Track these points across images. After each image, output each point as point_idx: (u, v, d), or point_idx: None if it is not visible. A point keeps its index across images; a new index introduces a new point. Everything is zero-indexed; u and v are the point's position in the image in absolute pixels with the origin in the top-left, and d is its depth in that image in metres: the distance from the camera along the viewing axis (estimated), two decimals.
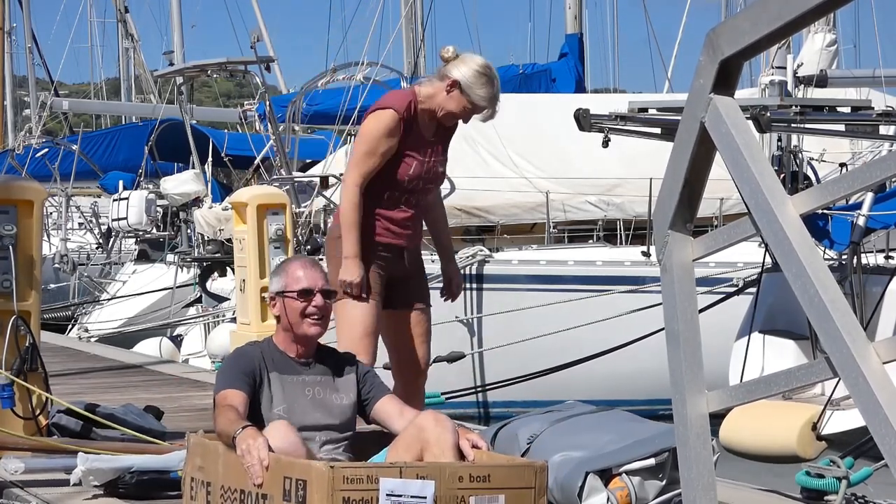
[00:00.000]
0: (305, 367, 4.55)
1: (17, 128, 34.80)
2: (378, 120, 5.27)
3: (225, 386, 4.45)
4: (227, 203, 14.04)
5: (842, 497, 5.67)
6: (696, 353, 2.35)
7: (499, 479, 4.05)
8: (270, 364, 4.52)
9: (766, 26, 2.11)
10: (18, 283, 6.17)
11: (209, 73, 16.89)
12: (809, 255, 2.06)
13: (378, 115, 5.29)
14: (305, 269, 4.59)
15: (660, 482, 5.03)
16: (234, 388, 4.40)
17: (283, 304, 4.55)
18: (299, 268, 4.60)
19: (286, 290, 4.54)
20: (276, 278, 4.63)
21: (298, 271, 4.57)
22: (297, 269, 4.58)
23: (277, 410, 4.45)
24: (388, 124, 5.24)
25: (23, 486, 5.65)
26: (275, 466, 4.03)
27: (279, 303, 4.56)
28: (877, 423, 1.94)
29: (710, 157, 2.31)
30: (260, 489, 4.03)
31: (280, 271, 4.64)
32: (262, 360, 4.51)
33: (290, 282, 4.55)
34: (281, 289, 4.56)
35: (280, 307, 4.56)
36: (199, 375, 10.76)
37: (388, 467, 3.99)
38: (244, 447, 4.09)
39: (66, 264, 19.69)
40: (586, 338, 11.26)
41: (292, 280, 4.55)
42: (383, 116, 5.26)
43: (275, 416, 4.42)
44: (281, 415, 4.42)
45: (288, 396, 4.48)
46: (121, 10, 30.34)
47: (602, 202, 14.30)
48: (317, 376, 4.56)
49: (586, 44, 20.41)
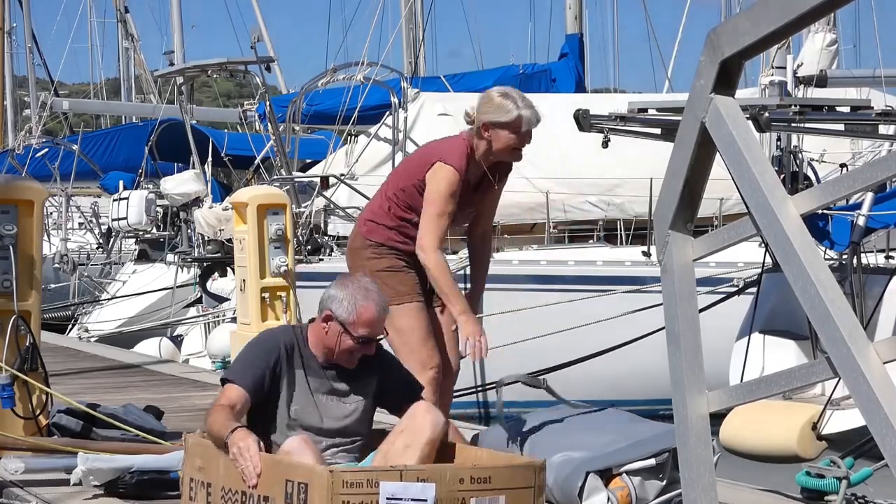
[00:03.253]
0: (330, 370, 4.51)
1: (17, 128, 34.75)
2: (445, 180, 5.25)
3: (232, 377, 4.44)
4: (228, 203, 14.04)
5: (842, 497, 5.67)
6: (697, 353, 2.35)
7: (499, 480, 4.05)
8: (297, 359, 4.47)
9: (766, 26, 2.11)
10: (19, 282, 6.17)
11: (209, 73, 16.89)
12: (810, 254, 2.06)
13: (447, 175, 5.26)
14: (379, 317, 4.44)
15: (660, 482, 5.04)
16: (240, 384, 4.38)
17: (339, 336, 4.42)
18: (374, 314, 4.43)
19: (348, 327, 4.40)
20: (342, 303, 4.43)
21: (371, 317, 4.42)
22: (370, 315, 4.42)
23: (293, 409, 4.43)
24: (453, 185, 5.25)
25: (23, 486, 5.65)
26: (277, 469, 4.04)
27: (333, 329, 4.42)
28: (877, 422, 1.94)
29: (711, 156, 2.31)
30: (261, 491, 4.04)
31: (351, 299, 4.43)
32: (287, 354, 4.46)
33: (358, 322, 4.40)
34: (344, 321, 4.40)
35: (332, 334, 4.43)
36: (199, 375, 10.76)
37: (389, 471, 3.99)
38: (235, 450, 4.11)
39: (66, 264, 19.68)
40: (586, 338, 11.26)
41: (361, 323, 4.41)
42: (449, 177, 5.25)
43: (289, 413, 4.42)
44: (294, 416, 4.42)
45: (304, 397, 4.46)
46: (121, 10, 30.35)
47: (602, 202, 14.30)
48: (339, 382, 4.52)
49: (586, 44, 20.40)
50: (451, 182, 5.24)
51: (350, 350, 4.43)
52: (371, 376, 4.57)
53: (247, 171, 18.66)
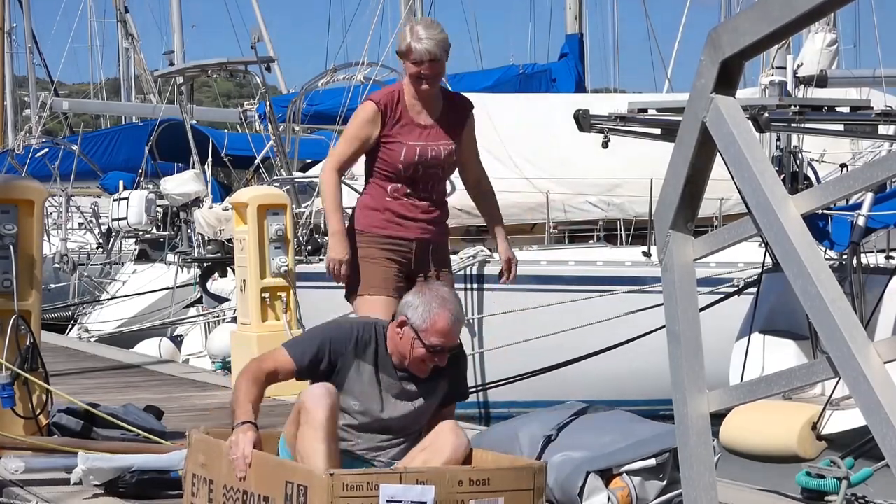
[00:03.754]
0: (403, 371, 4.46)
1: (17, 128, 34.75)
2: (357, 111, 5.48)
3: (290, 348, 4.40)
4: (228, 203, 14.04)
5: (842, 497, 5.68)
6: (697, 353, 2.35)
7: (498, 482, 4.06)
8: (371, 356, 4.42)
9: (767, 26, 2.11)
10: (19, 282, 6.17)
11: (209, 73, 16.88)
12: (810, 254, 2.06)
13: (360, 107, 5.50)
14: (453, 327, 4.39)
15: (660, 482, 5.04)
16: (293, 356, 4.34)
17: (411, 342, 4.38)
18: (448, 323, 4.38)
19: (421, 334, 4.36)
20: (417, 309, 4.39)
21: (445, 327, 4.37)
22: (444, 325, 4.36)
23: (355, 403, 4.40)
24: (364, 114, 5.40)
25: (23, 486, 5.65)
26: (277, 469, 4.04)
27: (407, 335, 4.38)
28: (877, 422, 1.94)
29: (712, 156, 2.31)
30: (261, 491, 4.05)
31: (427, 307, 4.39)
32: (360, 348, 4.40)
33: (430, 330, 4.35)
34: (417, 328, 4.36)
35: (406, 340, 4.39)
36: (199, 375, 10.76)
37: (388, 473, 3.99)
38: (233, 439, 4.14)
39: (66, 264, 19.68)
40: (587, 338, 11.26)
41: (434, 331, 4.35)
42: (361, 107, 5.45)
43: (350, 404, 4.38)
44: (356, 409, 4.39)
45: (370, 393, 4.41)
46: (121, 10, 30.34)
47: (602, 202, 14.29)
48: (409, 384, 4.47)
49: (586, 44, 20.40)
50: (363, 109, 5.42)
51: (422, 358, 4.38)
52: (443, 379, 4.53)
53: (247, 171, 18.67)
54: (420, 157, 5.37)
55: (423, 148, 5.37)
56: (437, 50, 5.28)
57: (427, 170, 5.41)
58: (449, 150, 5.45)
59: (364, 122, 5.39)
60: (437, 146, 5.41)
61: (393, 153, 5.35)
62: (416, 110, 5.40)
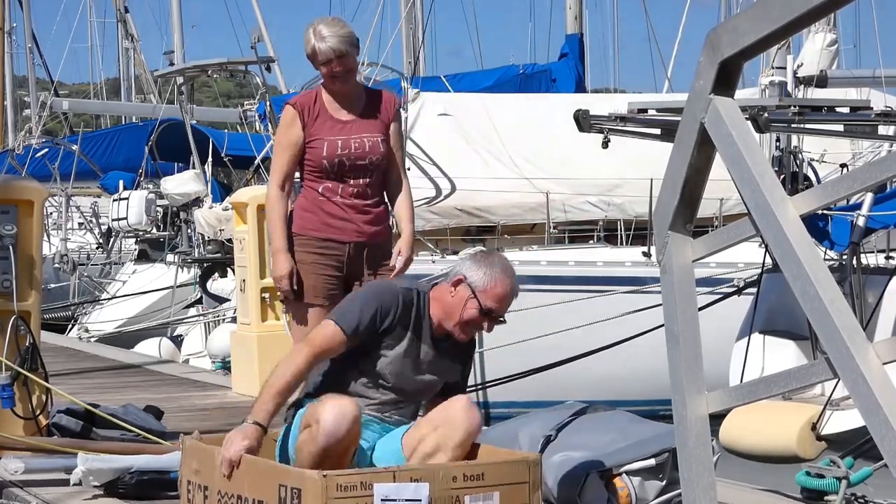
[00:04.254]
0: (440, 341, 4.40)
1: (17, 128, 34.73)
2: (282, 116, 5.51)
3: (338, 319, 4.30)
4: (228, 203, 14.04)
5: (842, 497, 5.68)
6: (696, 354, 2.35)
7: (492, 477, 4.03)
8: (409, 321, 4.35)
9: (766, 27, 2.11)
10: (18, 283, 6.17)
11: (209, 73, 16.89)
12: (809, 256, 2.06)
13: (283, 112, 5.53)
14: (511, 296, 4.35)
15: (660, 482, 5.04)
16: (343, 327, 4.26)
17: (465, 302, 4.31)
18: (508, 290, 4.34)
19: (478, 294, 4.30)
20: (479, 271, 4.32)
21: (504, 293, 4.33)
22: (503, 290, 4.32)
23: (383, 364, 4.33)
24: (283, 119, 5.45)
25: (23, 486, 5.65)
26: (270, 473, 4.03)
27: (462, 294, 4.30)
28: (877, 424, 1.94)
29: (710, 157, 2.31)
30: (255, 496, 4.04)
31: (490, 270, 4.33)
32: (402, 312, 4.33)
33: (489, 292, 4.30)
34: (476, 287, 4.30)
35: (459, 299, 4.31)
36: (199, 375, 10.76)
37: (382, 472, 3.97)
38: (230, 436, 4.15)
39: (66, 264, 19.68)
40: (587, 338, 11.25)
41: (492, 296, 4.30)
42: (285, 113, 5.46)
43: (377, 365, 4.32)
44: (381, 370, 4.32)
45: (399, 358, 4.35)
46: (121, 10, 30.28)
47: (602, 202, 14.28)
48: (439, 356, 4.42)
49: (586, 44, 20.39)
50: (283, 115, 5.46)
51: (472, 320, 4.31)
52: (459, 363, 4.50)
53: (247, 171, 18.65)
54: (343, 149, 5.31)
55: (345, 141, 5.33)
56: (342, 46, 5.24)
57: (354, 163, 5.32)
58: (373, 141, 5.37)
59: (285, 126, 5.41)
60: (359, 138, 5.34)
61: (316, 150, 5.32)
62: (334, 107, 5.38)
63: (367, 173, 5.36)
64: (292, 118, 5.37)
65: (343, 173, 5.33)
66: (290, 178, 5.38)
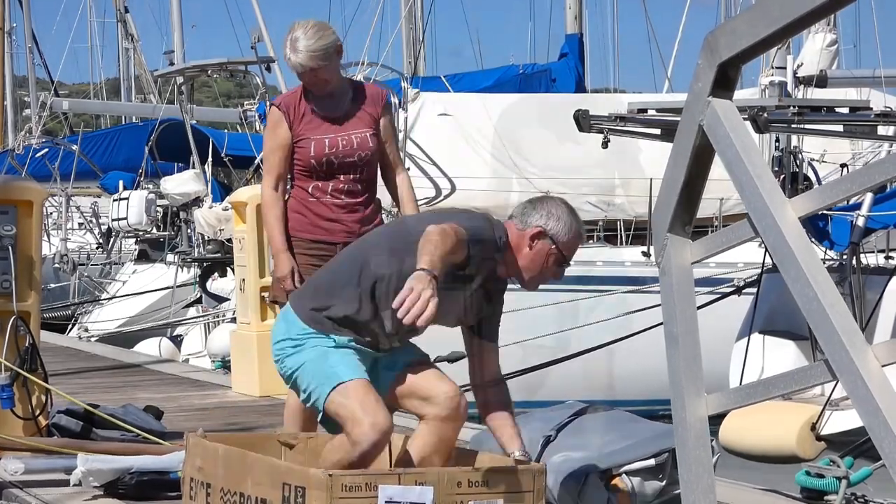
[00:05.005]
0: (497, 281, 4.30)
1: (17, 128, 34.73)
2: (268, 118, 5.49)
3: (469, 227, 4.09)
4: (227, 203, 14.03)
5: (842, 497, 5.68)
6: (696, 355, 2.35)
7: (497, 484, 4.05)
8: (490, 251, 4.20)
9: (764, 29, 2.11)
10: (18, 283, 6.17)
11: (209, 73, 16.90)
12: (808, 258, 2.05)
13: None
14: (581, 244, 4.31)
15: (660, 483, 5.04)
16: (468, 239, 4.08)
17: (546, 255, 4.19)
18: (582, 236, 4.31)
19: (562, 246, 4.21)
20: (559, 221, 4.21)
21: (580, 240, 4.27)
22: (580, 237, 4.27)
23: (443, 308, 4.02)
24: (270, 121, 5.42)
25: (22, 487, 5.64)
26: (274, 472, 4.03)
27: (543, 248, 4.19)
28: (876, 425, 1.94)
29: (709, 160, 2.31)
30: (259, 494, 4.03)
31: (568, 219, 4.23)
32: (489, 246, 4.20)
33: (569, 244, 4.21)
34: (559, 239, 4.20)
35: (540, 252, 4.19)
36: (199, 375, 10.76)
37: (387, 474, 3.99)
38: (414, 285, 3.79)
39: (66, 264, 19.68)
40: (586, 338, 11.26)
41: (571, 246, 4.23)
42: (270, 114, 5.44)
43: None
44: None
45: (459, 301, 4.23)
46: (121, 10, 30.26)
47: (602, 202, 14.29)
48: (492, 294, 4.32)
49: (586, 44, 20.38)
50: (268, 116, 5.45)
51: (553, 273, 4.25)
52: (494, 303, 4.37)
53: (247, 171, 18.66)
54: (331, 148, 5.27)
55: (332, 139, 5.28)
56: (313, 63, 5.16)
57: (342, 160, 5.28)
58: (362, 137, 5.31)
59: (272, 127, 5.37)
60: (347, 135, 5.29)
61: (304, 150, 5.29)
62: (320, 105, 5.32)
63: (356, 170, 5.32)
64: (278, 119, 5.33)
65: (332, 171, 5.30)
66: (282, 178, 5.36)
